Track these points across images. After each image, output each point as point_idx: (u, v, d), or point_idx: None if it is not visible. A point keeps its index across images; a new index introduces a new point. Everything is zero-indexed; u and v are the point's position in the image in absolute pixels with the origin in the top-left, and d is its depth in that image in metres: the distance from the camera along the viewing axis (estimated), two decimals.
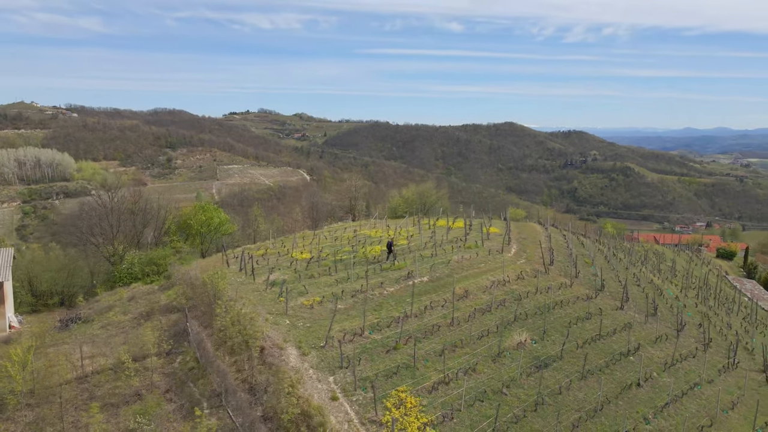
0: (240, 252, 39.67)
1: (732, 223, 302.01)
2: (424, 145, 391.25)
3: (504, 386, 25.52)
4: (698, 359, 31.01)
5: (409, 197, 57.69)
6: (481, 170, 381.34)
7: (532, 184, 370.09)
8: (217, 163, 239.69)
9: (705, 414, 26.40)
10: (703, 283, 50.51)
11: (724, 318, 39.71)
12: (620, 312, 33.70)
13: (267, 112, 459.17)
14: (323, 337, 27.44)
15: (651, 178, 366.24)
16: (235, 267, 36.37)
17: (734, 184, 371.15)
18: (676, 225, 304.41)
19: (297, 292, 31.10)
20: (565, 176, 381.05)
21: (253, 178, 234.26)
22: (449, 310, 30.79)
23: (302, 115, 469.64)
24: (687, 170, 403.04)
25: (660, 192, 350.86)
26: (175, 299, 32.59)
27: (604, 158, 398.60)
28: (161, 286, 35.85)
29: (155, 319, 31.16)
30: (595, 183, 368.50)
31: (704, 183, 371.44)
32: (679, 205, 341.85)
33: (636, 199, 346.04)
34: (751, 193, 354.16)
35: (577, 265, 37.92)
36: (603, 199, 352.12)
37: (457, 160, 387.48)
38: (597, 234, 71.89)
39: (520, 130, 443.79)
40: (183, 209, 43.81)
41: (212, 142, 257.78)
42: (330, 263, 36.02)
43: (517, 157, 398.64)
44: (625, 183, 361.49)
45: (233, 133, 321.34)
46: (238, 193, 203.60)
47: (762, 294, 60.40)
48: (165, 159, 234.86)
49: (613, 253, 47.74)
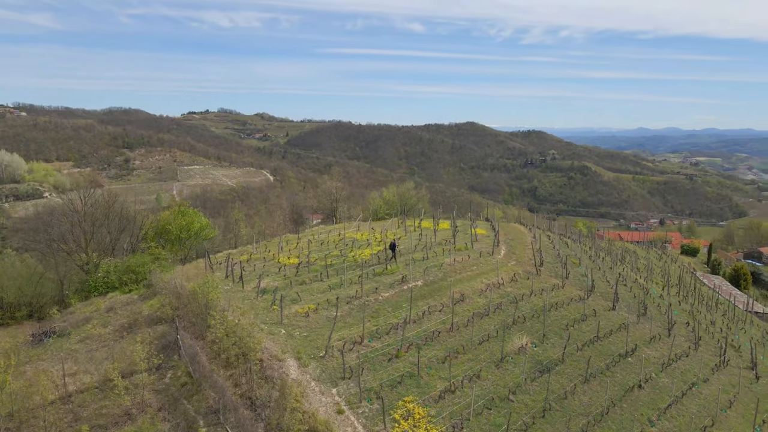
0: (224, 258, 38.13)
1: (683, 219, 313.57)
2: (388, 145, 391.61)
3: (510, 392, 25.09)
4: (691, 358, 31.37)
5: (389, 199, 56.91)
6: (444, 170, 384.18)
7: (494, 183, 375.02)
8: (178, 163, 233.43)
9: (705, 414, 26.60)
10: (678, 281, 51.58)
11: (707, 316, 40.49)
12: (613, 313, 33.81)
13: (227, 112, 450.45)
14: (322, 347, 26.43)
15: (607, 176, 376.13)
16: (220, 274, 34.85)
17: (685, 182, 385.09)
18: (631, 222, 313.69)
19: (290, 299, 29.94)
20: (525, 175, 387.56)
21: (215, 179, 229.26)
22: (447, 315, 30.20)
23: (264, 115, 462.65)
24: (641, 169, 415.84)
25: (616, 190, 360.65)
26: (159, 309, 30.93)
27: (563, 157, 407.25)
28: (141, 295, 34.00)
29: (139, 331, 29.46)
30: (554, 182, 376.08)
31: (657, 181, 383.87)
32: (634, 202, 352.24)
33: (594, 197, 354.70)
34: (701, 191, 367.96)
35: (567, 266, 37.93)
36: (562, 197, 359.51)
37: (420, 160, 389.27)
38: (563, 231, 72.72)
39: (482, 130, 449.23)
40: (161, 214, 41.81)
41: (172, 142, 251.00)
42: (320, 268, 34.92)
43: (478, 157, 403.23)
44: (583, 181, 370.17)
45: (193, 133, 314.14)
46: (200, 195, 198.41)
47: (730, 289, 62.26)
48: (122, 160, 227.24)
49: (595, 252, 48.22)
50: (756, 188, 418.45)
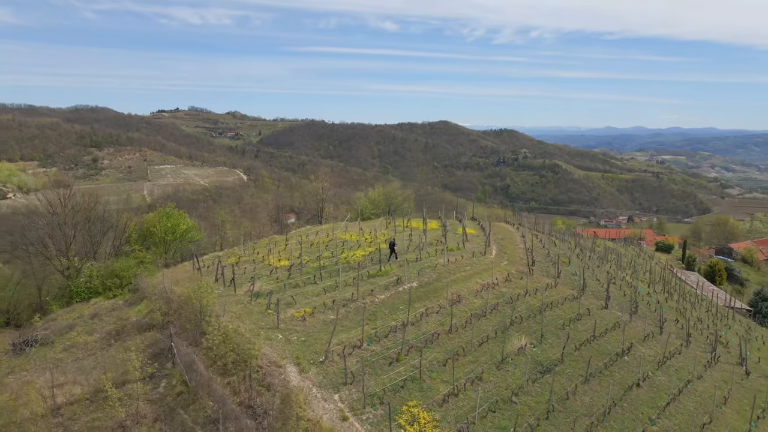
0: (211, 260, 37.14)
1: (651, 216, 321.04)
2: (361, 144, 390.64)
3: (513, 394, 24.93)
4: (684, 355, 31.76)
5: (375, 198, 56.41)
6: (418, 168, 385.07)
7: (467, 182, 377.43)
8: (148, 163, 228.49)
9: (702, 411, 26.90)
10: (659, 278, 52.42)
11: (693, 312, 41.16)
12: (606, 312, 34.03)
13: (198, 111, 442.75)
14: (321, 352, 25.83)
15: (577, 174, 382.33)
16: (209, 277, 33.86)
17: (651, 180, 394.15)
18: (601, 219, 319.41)
19: (285, 303, 29.21)
20: (498, 173, 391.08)
21: (187, 179, 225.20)
22: (445, 317, 29.92)
23: (235, 114, 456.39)
24: (609, 167, 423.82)
25: (586, 188, 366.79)
26: (148, 315, 29.88)
27: (534, 156, 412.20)
28: (127, 300, 32.81)
29: (128, 338, 28.40)
30: (526, 180, 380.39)
31: (625, 179, 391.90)
32: (603, 200, 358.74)
33: (564, 195, 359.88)
34: (667, 188, 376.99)
35: (558, 265, 38.06)
36: (534, 195, 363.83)
37: (393, 159, 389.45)
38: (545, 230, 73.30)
39: (455, 129, 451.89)
40: (145, 216, 40.40)
41: (142, 141, 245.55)
42: (312, 271, 34.25)
43: (452, 155, 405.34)
44: (554, 180, 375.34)
45: (163, 131, 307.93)
46: (171, 195, 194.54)
47: (708, 285, 63.60)
48: (90, 159, 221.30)
49: (581, 251, 48.63)
50: (719, 186, 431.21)
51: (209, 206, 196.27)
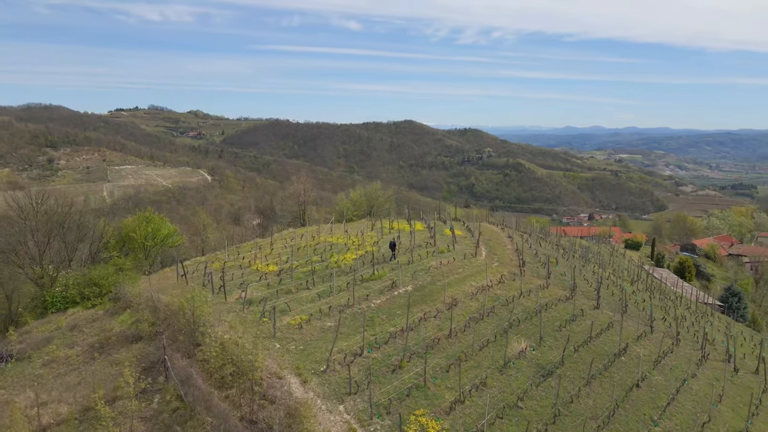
0: (194, 266, 35.69)
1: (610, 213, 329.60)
2: (326, 144, 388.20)
3: (518, 399, 24.62)
4: (675, 354, 32.13)
5: (357, 199, 55.51)
6: (383, 167, 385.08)
7: (432, 181, 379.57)
8: (108, 163, 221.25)
9: (700, 410, 27.17)
10: (637, 276, 53.30)
11: (676, 310, 41.84)
12: (598, 312, 34.16)
13: (159, 109, 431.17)
14: (322, 361, 24.97)
15: (540, 173, 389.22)
16: (195, 284, 32.49)
17: (610, 178, 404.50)
18: (563, 217, 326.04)
19: (279, 310, 28.20)
20: (463, 172, 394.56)
21: (148, 179, 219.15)
22: (443, 321, 29.43)
23: (197, 113, 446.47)
24: (570, 166, 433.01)
25: (548, 186, 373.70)
26: (133, 326, 28.38)
27: (498, 155, 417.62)
28: (108, 310, 31.11)
29: (113, 351, 26.88)
30: (490, 178, 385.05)
31: (585, 177, 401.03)
32: (565, 198, 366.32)
33: (528, 193, 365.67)
34: (625, 186, 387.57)
35: (548, 265, 38.09)
36: (498, 193, 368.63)
37: (359, 158, 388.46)
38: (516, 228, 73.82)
39: (420, 128, 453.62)
40: (124, 221, 38.46)
41: (100, 141, 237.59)
42: (303, 275, 33.25)
43: (417, 155, 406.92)
44: (517, 178, 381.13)
45: (122, 131, 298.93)
46: (133, 196, 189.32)
47: (679, 282, 65.14)
48: (45, 159, 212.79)
49: (564, 250, 48.99)
50: (673, 183, 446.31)
51: (173, 207, 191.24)
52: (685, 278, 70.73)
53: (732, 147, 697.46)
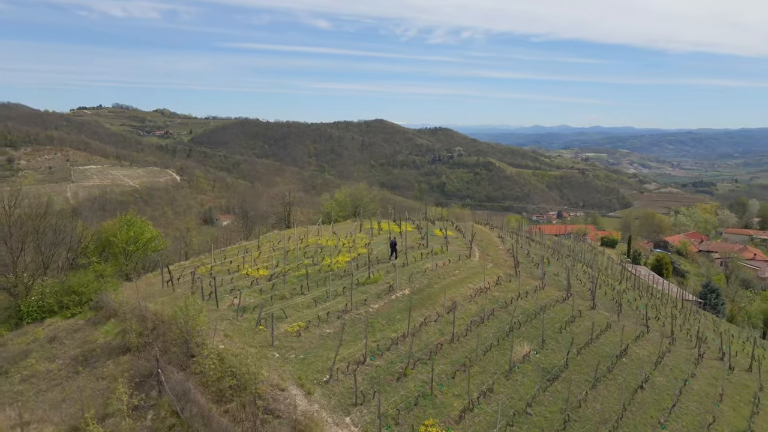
0: (178, 271, 34.06)
1: (578, 211, 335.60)
2: (297, 143, 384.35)
3: (527, 405, 24.02)
4: (673, 353, 32.03)
5: (342, 200, 54.30)
6: (354, 167, 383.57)
7: (404, 180, 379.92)
8: (71, 163, 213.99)
9: (703, 410, 27.04)
10: (621, 275, 53.62)
11: (664, 308, 42.09)
12: (594, 312, 33.92)
13: (123, 108, 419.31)
14: (324, 370, 23.91)
15: (510, 171, 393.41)
16: (182, 290, 30.95)
17: (578, 176, 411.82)
18: (533, 215, 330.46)
19: (275, 317, 26.96)
20: (434, 171, 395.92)
21: (115, 180, 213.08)
22: (444, 325, 28.72)
23: (164, 111, 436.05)
24: (539, 164, 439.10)
25: (518, 184, 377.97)
26: (119, 337, 26.78)
27: (468, 154, 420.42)
28: (89, 320, 29.32)
29: (98, 364, 25.26)
30: (461, 177, 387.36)
31: (554, 176, 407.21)
32: (535, 196, 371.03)
33: (498, 192, 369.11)
34: (592, 184, 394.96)
35: (542, 266, 37.72)
36: (469, 192, 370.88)
37: (330, 157, 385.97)
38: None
39: (390, 127, 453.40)
40: (104, 224, 36.45)
41: (63, 140, 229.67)
42: (296, 280, 32.05)
43: (388, 154, 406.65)
44: (488, 177, 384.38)
45: (86, 130, 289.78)
46: (98, 197, 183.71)
47: (658, 279, 65.96)
48: (5, 159, 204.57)
49: (553, 250, 48.86)
50: (638, 181, 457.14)
51: (140, 208, 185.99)
52: (663, 275, 71.74)
53: (692, 146, 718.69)
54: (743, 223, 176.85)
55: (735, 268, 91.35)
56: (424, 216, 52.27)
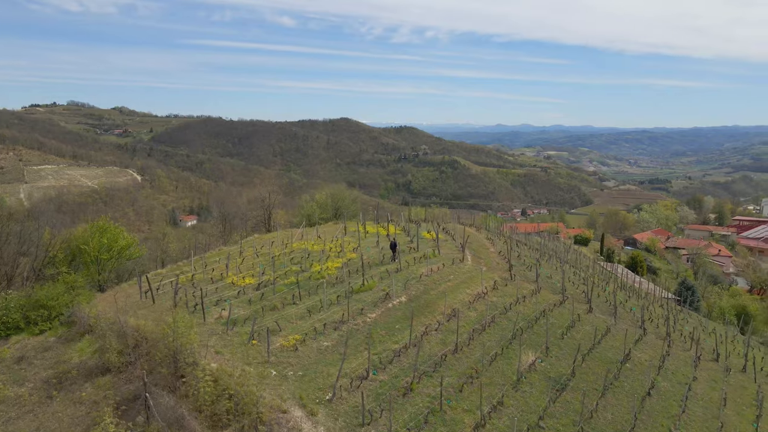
0: (156, 280, 31.76)
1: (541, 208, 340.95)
2: (262, 142, 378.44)
3: (539, 419, 22.93)
4: (673, 357, 31.60)
5: (323, 202, 52.38)
6: (320, 165, 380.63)
7: (370, 178, 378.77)
8: (24, 163, 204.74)
9: (710, 415, 26.56)
10: (606, 275, 53.48)
11: (654, 309, 41.89)
12: (592, 316, 33.25)
13: (80, 105, 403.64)
14: (325, 387, 22.28)
15: (475, 170, 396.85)
16: (164, 302, 28.76)
17: (541, 174, 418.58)
18: (498, 212, 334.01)
19: (269, 331, 25.16)
20: (400, 170, 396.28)
21: (72, 180, 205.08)
22: (446, 335, 27.42)
23: (123, 109, 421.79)
24: (503, 162, 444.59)
25: (483, 182, 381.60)
26: (95, 355, 24.52)
27: (434, 152, 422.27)
28: (60, 337, 26.87)
29: (75, 387, 22.98)
30: (427, 175, 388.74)
31: (517, 174, 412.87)
32: (499, 193, 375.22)
33: (463, 190, 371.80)
34: (554, 182, 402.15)
35: (537, 269, 36.89)
36: (435, 190, 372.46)
37: (295, 156, 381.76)
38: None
39: (356, 126, 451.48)
40: (74, 231, 33.66)
41: (15, 139, 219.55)
42: (285, 288, 30.23)
43: (354, 152, 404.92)
44: (453, 175, 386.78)
45: (39, 128, 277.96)
46: (54, 198, 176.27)
47: (634, 276, 66.42)
48: None
49: (537, 249, 48.24)
50: (597, 179, 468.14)
51: (100, 209, 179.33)
52: (638, 273, 72.39)
53: (648, 144, 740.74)
54: (701, 219, 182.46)
55: (702, 264, 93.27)
56: (408, 218, 51.00)
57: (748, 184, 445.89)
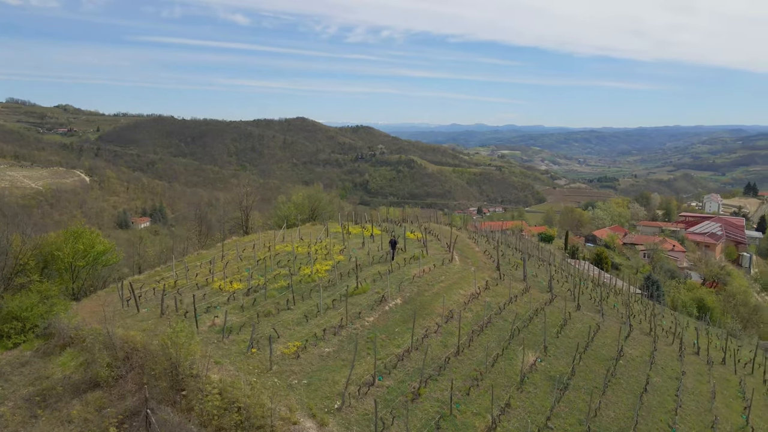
0: (135, 286, 30.11)
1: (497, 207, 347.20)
2: (216, 141, 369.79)
3: (546, 419, 22.87)
4: (660, 352, 32.24)
5: (300, 202, 51.12)
6: (276, 165, 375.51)
7: (327, 178, 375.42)
8: None
9: (702, 408, 27.16)
10: (580, 272, 54.47)
11: (633, 304, 42.77)
12: (581, 313, 33.60)
13: (19, 103, 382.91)
14: (332, 395, 21.53)
15: (431, 169, 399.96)
16: (149, 310, 27.24)
17: (495, 173, 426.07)
18: (454, 210, 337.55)
19: (266, 337, 24.19)
20: (357, 169, 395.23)
21: (14, 182, 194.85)
22: (446, 337, 27.09)
23: (67, 107, 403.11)
24: (459, 161, 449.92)
25: (439, 181, 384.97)
26: (80, 369, 22.96)
27: (391, 152, 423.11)
28: (37, 350, 24.99)
29: (62, 404, 21.40)
30: (384, 175, 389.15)
31: (473, 172, 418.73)
32: (456, 192, 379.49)
33: (420, 189, 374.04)
34: (509, 181, 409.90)
35: (525, 268, 37.04)
36: (392, 189, 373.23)
37: (251, 156, 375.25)
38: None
39: (312, 125, 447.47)
40: (47, 237, 31.34)
41: None
42: (277, 293, 29.18)
43: (310, 152, 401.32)
44: (410, 174, 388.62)
45: None
46: None
47: (602, 273, 67.99)
48: None
49: (515, 248, 48.62)
50: (549, 177, 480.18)
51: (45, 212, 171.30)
52: (603, 269, 74.22)
53: (596, 143, 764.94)
54: (650, 216, 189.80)
55: (659, 260, 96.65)
56: (386, 218, 50.50)
57: (689, 182, 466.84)
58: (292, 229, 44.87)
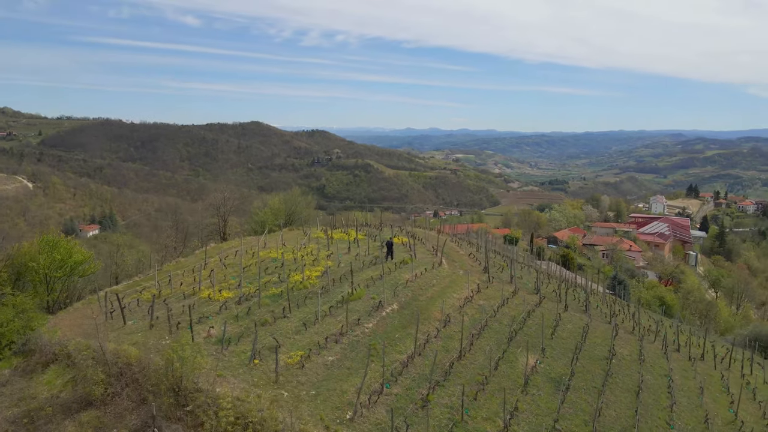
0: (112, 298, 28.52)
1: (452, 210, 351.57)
2: (168, 146, 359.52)
3: (554, 422, 22.92)
4: (647, 350, 32.98)
5: (276, 207, 49.82)
6: (231, 170, 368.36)
7: (283, 183, 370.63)
8: None
9: (694, 404, 27.88)
10: (558, 273, 55.39)
11: (613, 305, 43.74)
12: (569, 314, 34.01)
13: None
14: (342, 405, 20.89)
15: (388, 173, 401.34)
16: (136, 322, 25.80)
17: (451, 176, 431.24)
18: (411, 214, 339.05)
19: (267, 347, 23.32)
20: (313, 174, 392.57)
21: None
22: (446, 341, 26.82)
23: (6, 110, 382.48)
24: (414, 165, 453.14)
25: (396, 185, 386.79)
26: (68, 387, 21.49)
27: (347, 156, 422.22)
28: (16, 368, 23.22)
29: (52, 426, 19.92)
30: (340, 179, 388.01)
31: (429, 176, 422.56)
32: (412, 196, 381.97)
33: (377, 193, 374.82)
34: (464, 184, 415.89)
35: (512, 270, 37.25)
36: (349, 194, 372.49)
37: (204, 161, 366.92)
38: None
39: (267, 130, 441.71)
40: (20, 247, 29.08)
41: None
42: (270, 301, 28.22)
43: (266, 157, 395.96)
44: (366, 178, 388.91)
45: None
46: None
47: (569, 273, 69.47)
48: None
49: (495, 250, 48.97)
50: (503, 180, 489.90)
51: None
52: (570, 269, 75.89)
53: (546, 147, 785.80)
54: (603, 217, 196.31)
55: (618, 259, 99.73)
56: (365, 222, 49.96)
57: (634, 184, 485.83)
58: (274, 234, 43.72)
